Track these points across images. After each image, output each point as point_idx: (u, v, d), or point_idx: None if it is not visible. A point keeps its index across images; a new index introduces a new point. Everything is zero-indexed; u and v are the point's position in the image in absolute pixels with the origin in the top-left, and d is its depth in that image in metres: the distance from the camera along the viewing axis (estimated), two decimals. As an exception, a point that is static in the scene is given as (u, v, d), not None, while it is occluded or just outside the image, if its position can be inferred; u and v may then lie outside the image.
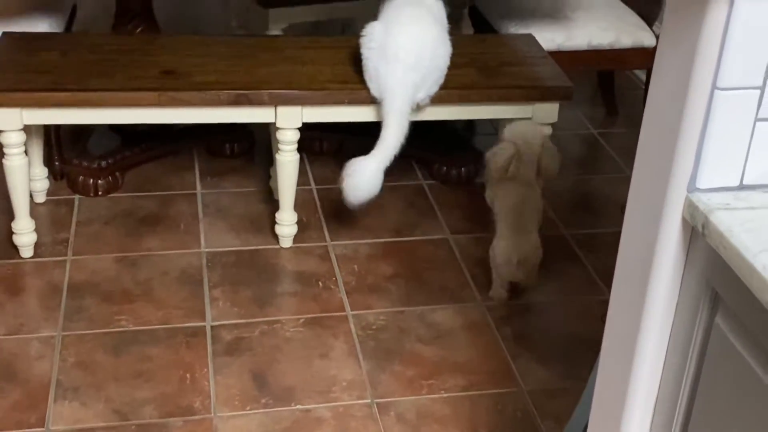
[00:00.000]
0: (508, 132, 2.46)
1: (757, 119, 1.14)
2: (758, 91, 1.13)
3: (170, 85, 2.44)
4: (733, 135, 1.15)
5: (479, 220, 2.84)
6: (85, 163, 2.86)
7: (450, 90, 2.53)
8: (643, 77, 3.56)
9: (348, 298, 2.48)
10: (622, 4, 3.15)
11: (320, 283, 2.53)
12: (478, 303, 2.49)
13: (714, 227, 1.12)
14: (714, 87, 1.12)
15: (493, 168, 2.44)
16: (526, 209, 2.43)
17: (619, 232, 1.35)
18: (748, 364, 1.11)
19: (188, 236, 2.69)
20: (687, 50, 1.13)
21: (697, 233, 1.17)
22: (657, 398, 1.31)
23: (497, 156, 2.43)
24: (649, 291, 1.25)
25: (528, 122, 2.50)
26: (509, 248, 2.43)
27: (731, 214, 1.12)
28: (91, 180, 2.84)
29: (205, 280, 2.52)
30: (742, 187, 1.18)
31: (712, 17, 1.09)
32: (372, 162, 2.39)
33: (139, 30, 2.88)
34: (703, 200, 1.15)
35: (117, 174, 2.89)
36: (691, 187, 1.17)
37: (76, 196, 2.84)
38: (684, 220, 1.19)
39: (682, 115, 1.15)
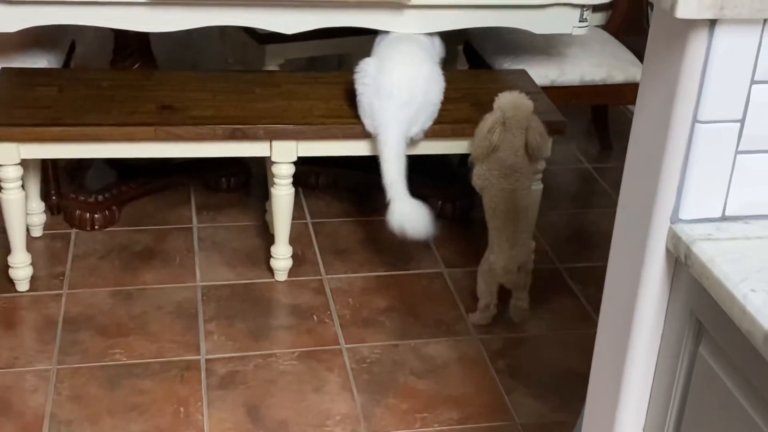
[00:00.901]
0: (496, 101, 2.43)
1: (737, 152, 1.17)
2: (738, 124, 1.16)
3: (167, 119, 2.47)
4: (715, 167, 1.17)
5: (474, 254, 2.86)
6: (81, 198, 2.89)
7: (444, 124, 2.56)
8: (637, 112, 3.59)
9: (342, 331, 2.49)
10: (615, 41, 3.20)
11: (315, 316, 2.55)
12: (473, 336, 2.50)
13: (696, 257, 1.14)
14: (695, 120, 1.15)
15: (477, 135, 2.40)
16: (519, 215, 2.43)
17: (611, 265, 1.37)
18: (732, 394, 1.12)
19: (184, 270, 2.71)
20: (668, 85, 1.16)
21: (681, 263, 1.20)
22: (644, 428, 1.33)
23: (482, 122, 2.40)
24: (635, 320, 1.27)
25: (517, 92, 2.46)
26: (507, 257, 2.44)
27: (713, 245, 1.15)
28: (88, 214, 2.86)
29: (200, 313, 2.53)
30: (724, 218, 1.20)
31: (691, 52, 1.12)
32: (397, 204, 2.42)
33: (136, 66, 2.92)
34: (686, 231, 1.18)
35: (113, 208, 2.91)
36: (675, 218, 1.20)
37: (73, 230, 2.86)
38: (668, 251, 1.22)
39: (664, 148, 1.17)
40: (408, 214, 2.42)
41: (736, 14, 1.07)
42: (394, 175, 2.43)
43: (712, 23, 1.10)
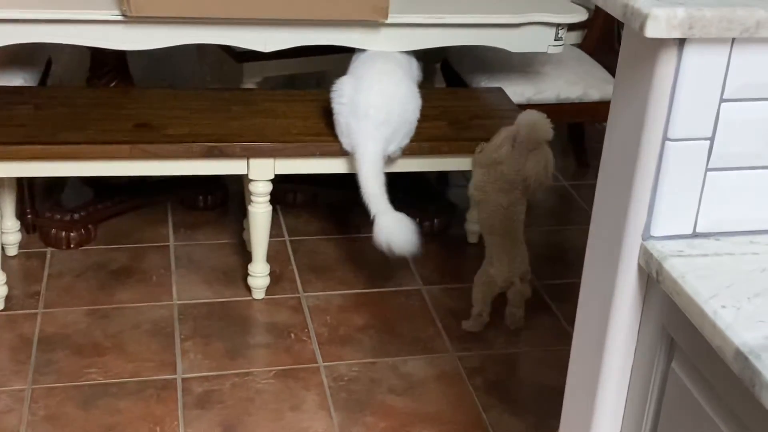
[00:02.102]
0: (519, 117, 2.43)
1: (707, 169, 1.19)
2: (708, 142, 1.17)
3: (143, 137, 2.46)
4: (685, 184, 1.19)
5: (452, 272, 2.87)
6: (57, 216, 2.87)
7: (421, 142, 2.57)
8: (614, 130, 3.62)
9: (320, 349, 2.49)
10: (590, 59, 3.22)
11: (292, 334, 2.54)
12: (451, 354, 2.51)
13: (668, 274, 1.15)
14: (665, 138, 1.16)
15: (489, 145, 2.41)
16: (517, 228, 2.45)
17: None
18: (704, 409, 1.13)
19: (160, 288, 2.70)
20: (638, 103, 1.17)
21: (652, 280, 1.21)
22: (618, 444, 1.34)
23: (497, 134, 2.41)
24: (608, 337, 1.29)
25: (542, 114, 2.45)
26: (508, 270, 2.46)
27: (684, 261, 1.16)
28: (64, 233, 2.85)
29: (177, 332, 2.52)
30: (695, 235, 1.22)
31: (661, 71, 1.13)
32: (382, 218, 2.41)
33: (113, 84, 2.91)
34: (657, 248, 1.19)
35: (89, 227, 2.90)
36: (646, 235, 1.21)
37: (49, 249, 2.84)
38: (640, 267, 1.23)
39: (635, 166, 1.19)
40: (393, 229, 2.41)
41: (705, 33, 1.09)
42: (374, 191, 2.44)
43: (681, 42, 1.11)
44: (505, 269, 2.47)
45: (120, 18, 2.43)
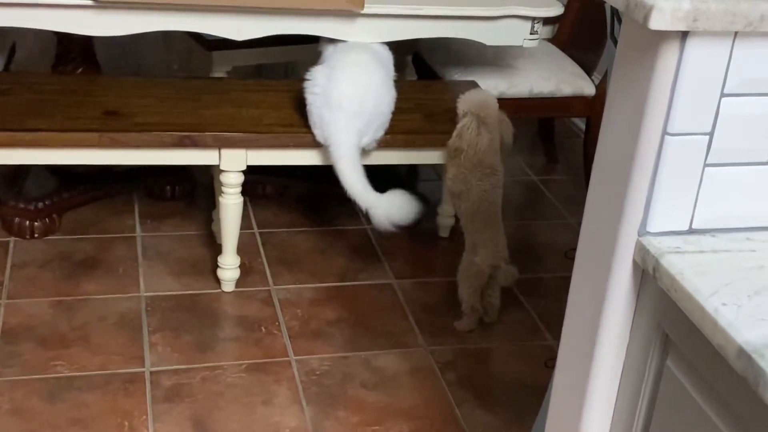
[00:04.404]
0: (463, 104, 2.43)
1: (705, 164, 1.17)
2: (707, 137, 1.15)
3: (111, 126, 2.41)
4: (683, 180, 1.17)
5: (423, 265, 2.85)
6: (21, 205, 2.79)
7: (396, 135, 2.54)
8: (582, 126, 3.62)
9: (291, 343, 2.45)
10: (563, 54, 3.22)
11: (263, 328, 2.50)
12: (423, 348, 2.48)
13: (665, 270, 1.13)
14: (664, 133, 1.14)
15: (461, 147, 2.40)
16: (498, 212, 2.46)
17: (562, 277, 1.36)
18: (701, 408, 1.12)
19: (127, 280, 2.64)
20: (638, 96, 1.15)
21: (648, 276, 1.19)
22: (608, 442, 1.32)
23: (464, 133, 2.40)
24: (600, 333, 1.26)
25: (481, 90, 2.49)
26: (493, 255, 2.45)
27: (682, 258, 1.14)
28: (27, 222, 2.77)
29: (145, 324, 2.47)
30: (691, 231, 1.20)
31: (662, 64, 1.11)
32: (377, 210, 2.42)
33: (80, 70, 2.84)
34: (654, 244, 1.17)
35: (54, 216, 2.83)
36: (642, 231, 1.19)
37: (12, 239, 2.77)
38: (635, 263, 1.21)
39: (633, 160, 1.16)
40: (391, 213, 2.41)
41: (709, 26, 1.07)
42: (357, 185, 2.41)
43: (684, 35, 1.09)
44: (490, 255, 2.46)
45: (89, 3, 2.36)
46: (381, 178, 3.06)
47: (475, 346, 2.52)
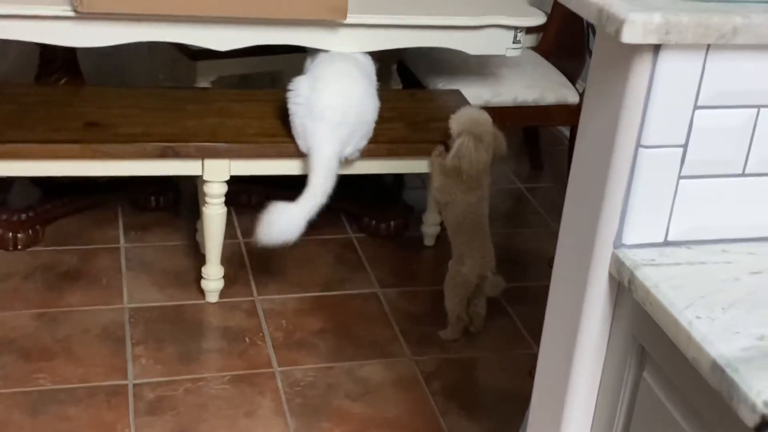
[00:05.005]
0: (457, 123, 2.42)
1: (680, 177, 1.17)
2: (681, 149, 1.15)
3: (94, 137, 2.40)
4: (658, 192, 1.17)
5: (408, 274, 2.84)
6: (4, 216, 2.78)
7: (379, 144, 2.54)
8: (567, 133, 3.63)
9: (275, 354, 2.44)
10: (547, 63, 3.22)
11: (247, 338, 2.49)
12: (408, 358, 2.47)
13: (640, 283, 1.13)
14: (638, 145, 1.14)
15: (460, 167, 2.38)
16: (484, 223, 2.46)
17: (547, 286, 1.36)
18: (675, 420, 1.11)
19: (110, 291, 2.62)
20: (612, 108, 1.15)
21: (624, 289, 1.18)
22: (586, 455, 1.31)
23: (463, 152, 2.37)
24: (578, 346, 1.26)
25: (472, 107, 2.49)
26: (480, 265, 2.44)
27: (657, 270, 1.14)
28: (11, 233, 2.76)
29: (128, 336, 2.45)
30: (666, 243, 1.20)
31: (635, 77, 1.11)
32: (294, 208, 2.37)
33: (62, 81, 2.83)
34: (629, 256, 1.17)
35: (37, 227, 2.81)
36: (618, 243, 1.19)
37: (-6, 250, 2.76)
38: (611, 276, 1.21)
39: (607, 173, 1.16)
40: (286, 220, 2.36)
41: (681, 39, 1.07)
42: (317, 190, 2.38)
43: (657, 48, 1.09)
44: (476, 264, 2.45)
45: (71, 14, 2.35)
46: (367, 187, 3.07)
47: (460, 356, 2.51)
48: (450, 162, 2.40)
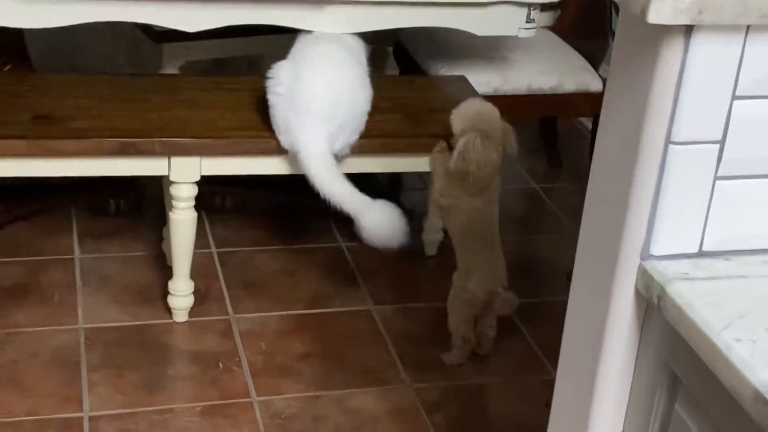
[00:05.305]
0: (459, 120, 2.41)
1: (716, 177, 1.17)
2: (717, 146, 1.15)
3: (44, 132, 2.41)
4: (691, 195, 1.17)
5: (407, 289, 2.85)
6: (-60, 224, 2.79)
7: (373, 139, 2.55)
8: (589, 125, 3.63)
9: (253, 381, 2.45)
10: (565, 44, 3.23)
11: (221, 363, 2.50)
12: (406, 385, 2.48)
13: (671, 300, 1.13)
14: (668, 141, 1.14)
15: (467, 170, 2.38)
16: (494, 232, 2.47)
17: (565, 302, 1.36)
18: (713, 458, 1.11)
19: (63, 310, 2.63)
20: (637, 99, 1.15)
21: (653, 307, 1.19)
22: (611, 498, 1.31)
23: (469, 153, 2.37)
24: (600, 372, 1.26)
25: (476, 100, 2.49)
26: (490, 280, 2.45)
27: (691, 285, 1.14)
28: (-52, 243, 2.77)
29: (83, 362, 2.46)
30: (701, 253, 1.20)
31: (664, 63, 1.11)
32: (364, 220, 2.42)
33: (7, 68, 2.84)
34: (658, 269, 1.17)
35: (-21, 236, 2.82)
36: (645, 254, 1.19)
37: (-71, 263, 2.77)
38: (637, 292, 1.21)
39: (633, 173, 1.17)
40: (382, 220, 2.43)
41: (717, 19, 1.07)
42: (340, 190, 2.42)
43: (689, 29, 1.09)
44: (485, 279, 2.45)
45: (16, -10, 2.36)
46: (360, 188, 3.07)
47: (467, 383, 2.52)
48: (454, 165, 2.39)
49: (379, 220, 2.43)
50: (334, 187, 2.43)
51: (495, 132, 2.41)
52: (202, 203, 2.62)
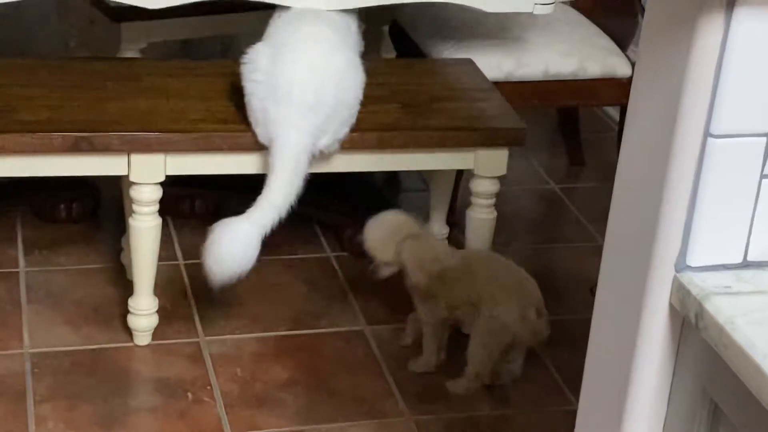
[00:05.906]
0: (380, 241, 2.57)
1: (762, 175, 1.18)
2: (764, 139, 1.16)
3: (-16, 125, 2.41)
4: (734, 196, 1.18)
5: (405, 307, 2.85)
6: None
7: (366, 132, 2.55)
8: (616, 116, 3.65)
9: (227, 413, 2.45)
10: (588, 22, 3.24)
11: (190, 393, 2.50)
12: (406, 418, 2.49)
13: (711, 318, 1.14)
14: (707, 134, 1.15)
15: (431, 279, 2.54)
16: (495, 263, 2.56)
17: (589, 320, 1.36)
18: (760, 500, 1.12)
19: (6, 331, 2.64)
20: (671, 86, 1.15)
21: (690, 325, 1.19)
22: None
23: (419, 260, 2.54)
24: (629, 403, 1.27)
25: (382, 217, 2.59)
26: (521, 305, 2.48)
27: (733, 301, 1.15)
28: None
29: (29, 392, 2.46)
30: (746, 264, 1.20)
31: (702, 44, 1.12)
32: (245, 224, 2.40)
33: (-58, 51, 2.85)
34: (696, 282, 1.18)
35: None
36: (681, 266, 1.20)
37: None
38: (672, 308, 1.21)
39: (666, 171, 1.17)
40: (238, 246, 2.40)
41: (762, -8, 1.08)
42: (275, 198, 2.42)
43: (730, 4, 1.10)
44: (515, 304, 2.47)
45: (-48, -39, 2.37)
46: (350, 190, 3.08)
47: (476, 414, 2.52)
48: (422, 284, 2.54)
49: (226, 243, 2.40)
50: (273, 185, 2.43)
51: (417, 228, 2.59)
52: (167, 208, 2.63)
